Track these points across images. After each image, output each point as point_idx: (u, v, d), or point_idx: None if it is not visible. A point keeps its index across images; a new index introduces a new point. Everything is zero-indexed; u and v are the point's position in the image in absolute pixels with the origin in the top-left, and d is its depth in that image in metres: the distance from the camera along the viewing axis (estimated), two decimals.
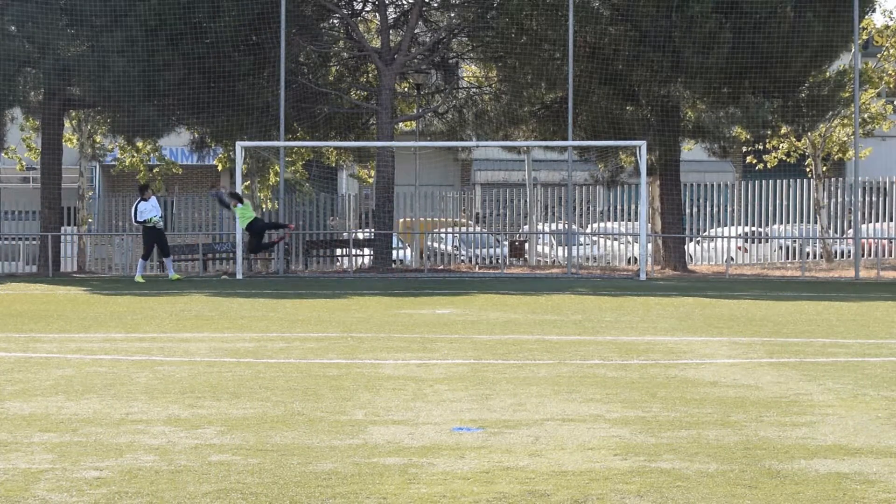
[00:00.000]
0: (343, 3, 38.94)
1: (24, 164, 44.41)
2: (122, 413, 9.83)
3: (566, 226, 38.15)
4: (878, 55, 42.42)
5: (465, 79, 41.99)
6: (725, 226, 41.38)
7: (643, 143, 32.80)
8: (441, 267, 38.19)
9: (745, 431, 9.04)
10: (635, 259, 38.86)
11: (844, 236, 40.81)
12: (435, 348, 14.81)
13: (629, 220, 41.20)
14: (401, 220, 40.93)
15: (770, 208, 41.29)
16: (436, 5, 38.96)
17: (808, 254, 39.81)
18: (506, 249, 39.72)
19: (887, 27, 42.12)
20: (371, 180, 44.50)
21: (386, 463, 7.89)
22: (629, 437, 8.79)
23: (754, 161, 44.41)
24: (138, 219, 31.50)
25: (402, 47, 37.05)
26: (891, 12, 51.06)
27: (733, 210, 41.89)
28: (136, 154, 42.84)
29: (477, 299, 24.02)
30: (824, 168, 42.58)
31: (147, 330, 17.35)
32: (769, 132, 39.64)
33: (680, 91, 34.63)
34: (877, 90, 42.06)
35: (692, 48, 33.93)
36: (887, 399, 10.68)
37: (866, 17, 39.74)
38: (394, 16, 39.13)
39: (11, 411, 9.91)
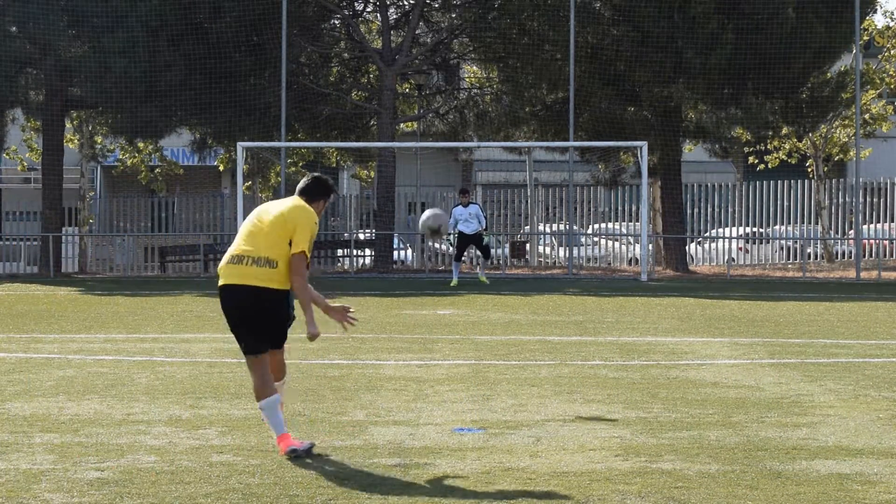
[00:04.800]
0: (344, 3, 38.94)
1: (25, 164, 44.42)
2: (123, 414, 9.83)
3: (567, 227, 38.15)
4: (880, 56, 42.39)
5: (467, 79, 41.99)
6: (726, 227, 41.37)
7: (644, 144, 32.79)
8: (442, 268, 38.19)
9: (746, 432, 9.04)
10: (636, 260, 38.86)
11: (845, 237, 40.79)
12: (436, 349, 14.81)
13: (630, 221, 41.19)
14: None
15: (771, 209, 41.27)
16: (437, 6, 38.95)
17: (809, 255, 39.79)
18: (507, 250, 39.72)
19: (888, 28, 42.09)
20: (370, 181, 44.53)
21: (387, 463, 7.90)
22: (630, 438, 8.79)
23: (755, 162, 44.39)
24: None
25: (403, 48, 37.05)
26: (892, 13, 51.02)
27: (734, 211, 41.87)
28: (137, 154, 42.86)
29: (478, 300, 24.02)
30: (825, 169, 42.55)
31: (148, 330, 17.35)
32: (770, 133, 39.63)
33: (681, 92, 34.63)
34: (878, 91, 42.03)
35: (693, 49, 33.94)
36: (888, 400, 10.68)
37: (867, 18, 39.72)
38: (395, 16, 39.13)
39: (13, 412, 9.92)
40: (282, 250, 8.13)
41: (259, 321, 8.19)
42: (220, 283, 8.27)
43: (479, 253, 30.56)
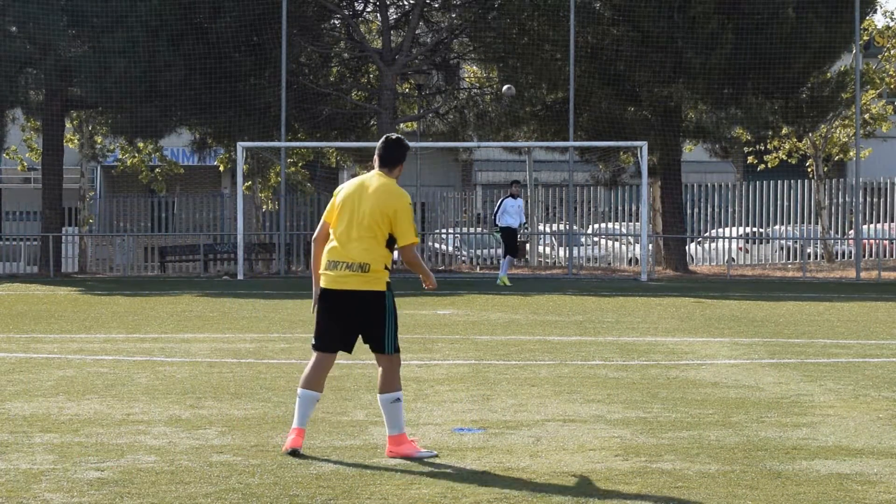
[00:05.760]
0: (344, 3, 38.93)
1: (25, 164, 44.41)
2: (123, 414, 9.83)
3: (567, 227, 38.14)
4: (879, 56, 42.40)
5: (467, 79, 41.98)
6: (726, 226, 41.36)
7: (644, 144, 32.78)
8: (442, 267, 38.19)
9: (746, 432, 9.04)
10: (636, 260, 38.84)
11: (845, 237, 40.79)
12: (436, 349, 14.81)
13: (630, 221, 41.18)
14: None
15: (771, 209, 41.26)
16: (437, 6, 38.94)
17: (808, 255, 39.77)
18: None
19: (888, 28, 42.09)
20: None
21: (387, 463, 7.90)
22: (630, 438, 8.79)
23: (755, 162, 44.38)
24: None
25: (403, 48, 37.05)
26: (892, 13, 51.04)
27: (734, 211, 41.86)
28: (137, 154, 42.86)
29: (478, 300, 24.02)
30: (825, 169, 42.54)
31: (148, 330, 17.35)
32: (770, 133, 39.62)
33: (681, 92, 34.62)
34: (878, 91, 42.02)
35: (694, 49, 33.93)
36: (888, 400, 10.68)
37: (867, 18, 39.71)
38: (395, 16, 39.12)
39: (13, 412, 9.92)
40: (377, 250, 8.25)
41: (354, 322, 8.27)
42: (322, 284, 8.33)
43: (502, 251, 30.22)
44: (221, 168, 43.89)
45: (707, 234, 41.67)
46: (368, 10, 40.29)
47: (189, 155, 41.94)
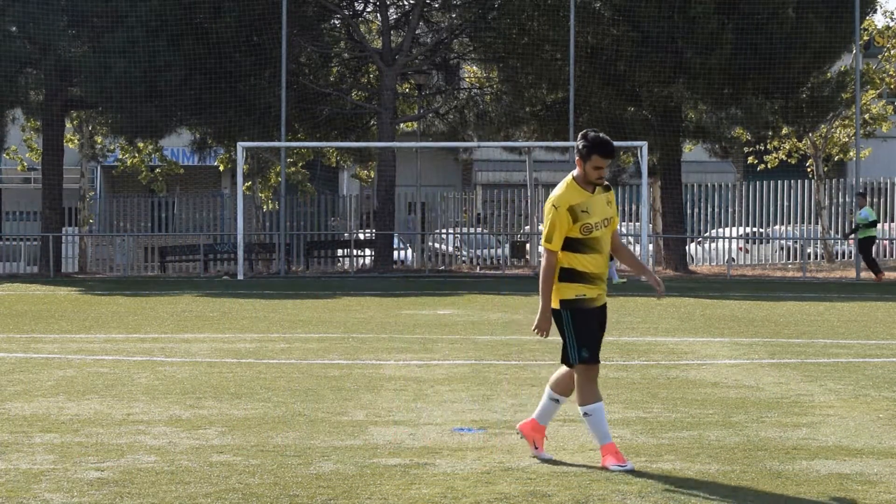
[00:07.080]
0: (344, 3, 38.93)
1: (25, 164, 44.40)
2: (123, 414, 9.83)
3: None
4: (879, 56, 42.39)
5: (467, 79, 41.97)
6: (726, 226, 41.35)
7: (644, 144, 32.80)
8: (442, 268, 38.18)
9: (746, 432, 9.04)
10: None
11: (845, 237, 40.76)
12: (436, 349, 14.81)
13: (630, 221, 41.19)
14: None
15: (771, 209, 41.26)
16: (437, 6, 38.93)
17: (808, 255, 39.76)
18: (507, 250, 39.71)
19: (888, 28, 42.09)
20: (370, 181, 44.53)
21: (387, 463, 7.90)
22: (630, 438, 8.79)
23: (755, 162, 44.38)
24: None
25: (403, 48, 37.04)
26: (892, 13, 51.08)
27: (734, 211, 41.86)
28: (137, 154, 42.84)
29: (478, 300, 24.01)
30: (825, 169, 42.54)
31: (148, 330, 17.35)
32: (770, 133, 39.62)
33: (681, 92, 34.63)
34: (878, 91, 42.02)
35: (694, 49, 33.94)
36: (888, 400, 10.68)
37: (867, 18, 39.71)
38: (395, 16, 39.11)
39: (13, 412, 9.92)
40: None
41: None
42: None
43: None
44: (221, 168, 43.87)
45: (707, 234, 41.66)
46: (368, 10, 40.28)
47: (189, 155, 41.91)
